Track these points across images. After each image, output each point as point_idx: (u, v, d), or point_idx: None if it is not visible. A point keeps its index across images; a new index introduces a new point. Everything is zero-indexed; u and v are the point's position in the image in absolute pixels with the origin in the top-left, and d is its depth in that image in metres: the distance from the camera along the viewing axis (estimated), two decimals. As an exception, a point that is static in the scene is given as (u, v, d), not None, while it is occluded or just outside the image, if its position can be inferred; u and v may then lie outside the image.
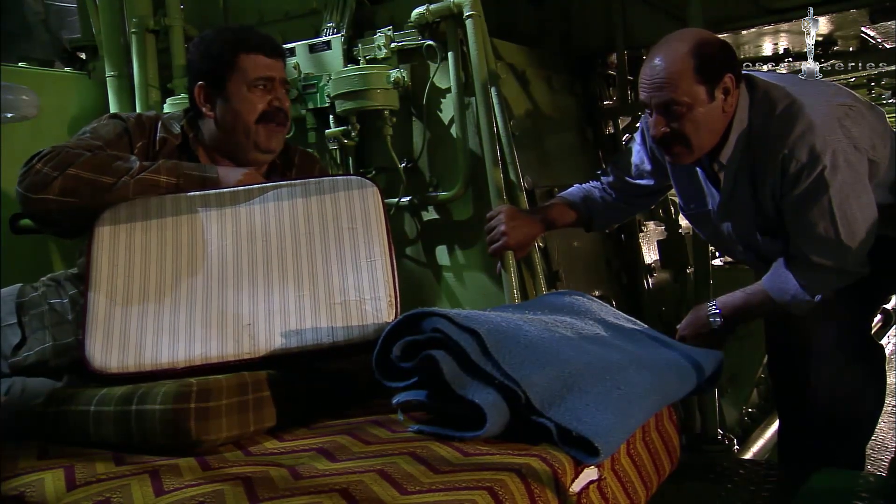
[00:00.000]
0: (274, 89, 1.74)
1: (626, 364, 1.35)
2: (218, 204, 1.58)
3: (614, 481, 1.23)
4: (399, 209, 2.40)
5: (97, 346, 1.39)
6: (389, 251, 1.54)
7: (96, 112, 2.85)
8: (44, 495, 1.08)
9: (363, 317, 1.45)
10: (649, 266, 2.84)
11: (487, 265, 2.31)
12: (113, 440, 1.27)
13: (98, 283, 1.45)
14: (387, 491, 1.00)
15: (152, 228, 1.53)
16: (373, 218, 1.58)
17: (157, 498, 1.04)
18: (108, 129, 1.70)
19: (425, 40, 2.30)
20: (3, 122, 0.83)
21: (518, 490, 1.02)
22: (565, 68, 2.77)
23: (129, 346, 1.40)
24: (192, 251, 1.51)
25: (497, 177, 2.19)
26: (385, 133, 2.32)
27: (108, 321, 1.41)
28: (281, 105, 1.74)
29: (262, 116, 1.72)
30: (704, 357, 1.53)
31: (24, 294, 1.59)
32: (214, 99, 1.73)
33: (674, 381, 1.43)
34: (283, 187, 1.61)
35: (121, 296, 1.44)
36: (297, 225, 1.56)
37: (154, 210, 1.55)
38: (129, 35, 2.73)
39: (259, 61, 1.72)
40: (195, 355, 1.40)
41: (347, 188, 1.61)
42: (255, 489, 1.03)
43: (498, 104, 2.22)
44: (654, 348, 1.53)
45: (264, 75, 1.72)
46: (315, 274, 1.50)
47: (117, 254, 1.49)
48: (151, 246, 1.51)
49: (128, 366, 1.38)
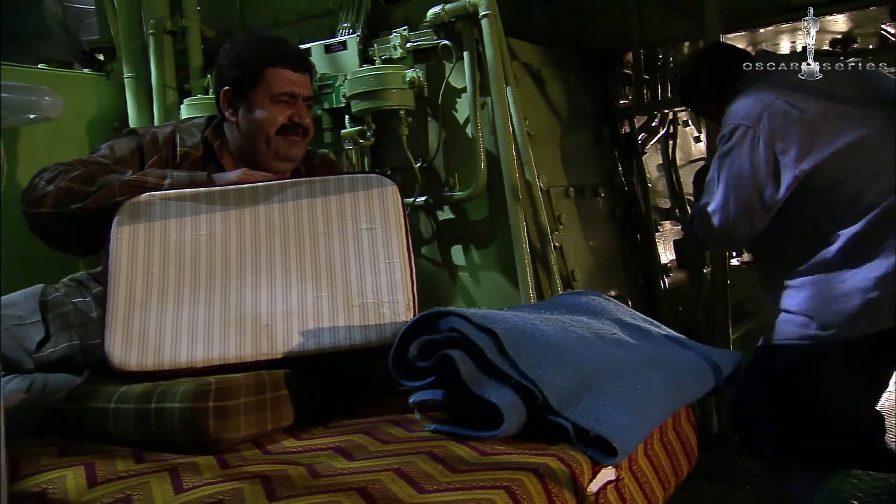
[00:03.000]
0: (296, 104, 1.76)
1: (643, 364, 1.34)
2: (237, 202, 1.57)
3: (632, 482, 1.23)
4: (414, 209, 2.40)
5: (116, 344, 1.39)
6: (408, 254, 1.54)
7: (114, 113, 2.89)
8: (65, 492, 1.09)
9: (381, 319, 1.45)
10: (665, 266, 2.83)
11: (503, 265, 2.31)
12: (132, 437, 1.28)
13: (117, 281, 1.45)
14: (404, 490, 1.00)
15: (171, 227, 1.52)
16: (392, 218, 1.56)
17: (176, 495, 1.04)
18: (122, 146, 1.73)
19: (441, 40, 2.30)
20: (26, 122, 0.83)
21: (536, 489, 1.02)
22: (581, 67, 2.76)
23: (149, 344, 1.40)
24: (210, 250, 1.51)
25: (513, 176, 2.19)
26: (401, 133, 2.33)
27: (128, 319, 1.42)
28: (301, 121, 1.76)
29: (281, 129, 1.75)
30: (723, 358, 1.52)
31: (47, 294, 1.60)
32: (238, 105, 1.75)
33: (691, 381, 1.42)
34: (303, 185, 1.59)
35: (140, 294, 1.44)
36: (315, 224, 1.55)
37: (173, 209, 1.54)
38: (146, 36, 2.76)
39: (285, 75, 1.74)
40: (213, 356, 1.40)
41: (367, 186, 1.59)
42: (274, 487, 1.03)
43: (513, 104, 2.22)
44: (672, 348, 1.52)
45: (288, 90, 1.74)
46: (333, 275, 1.50)
47: (136, 252, 1.49)
48: (170, 245, 1.50)
49: (146, 364, 1.38)
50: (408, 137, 2.34)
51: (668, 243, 2.90)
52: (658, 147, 3.02)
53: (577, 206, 2.51)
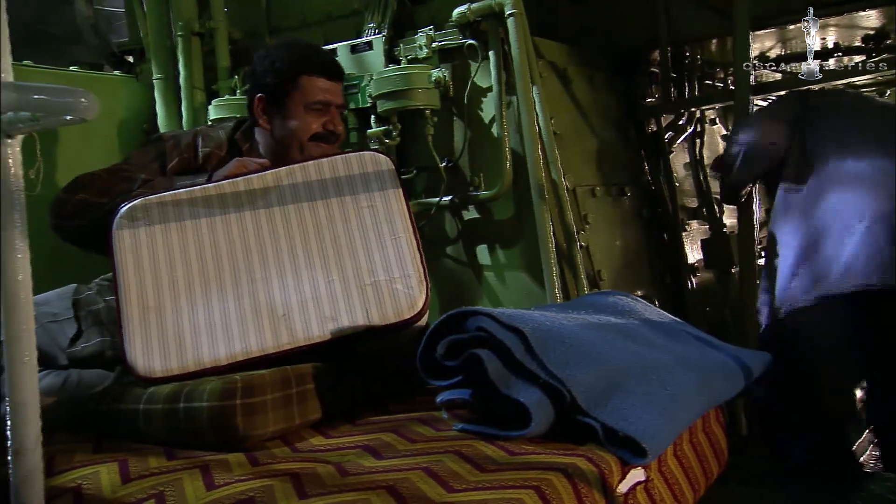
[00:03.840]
0: (329, 112, 1.80)
1: (672, 365, 1.33)
2: (234, 199, 1.56)
3: (661, 483, 1.22)
4: (440, 208, 2.40)
5: (138, 352, 1.39)
6: (412, 226, 1.53)
7: (144, 114, 2.92)
8: (100, 488, 1.11)
9: (395, 295, 1.45)
10: (693, 266, 2.80)
11: (528, 265, 2.30)
12: (162, 436, 1.30)
13: (127, 287, 1.44)
14: (433, 489, 1.00)
15: (172, 230, 1.51)
16: (390, 193, 1.55)
17: (207, 492, 1.06)
18: (145, 153, 1.80)
19: (466, 39, 2.30)
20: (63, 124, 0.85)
21: (565, 490, 1.01)
22: (607, 66, 2.74)
23: (170, 348, 1.40)
24: (215, 248, 1.50)
25: (539, 176, 2.18)
26: (426, 133, 2.33)
27: (145, 325, 1.41)
28: (334, 129, 1.81)
29: (314, 136, 1.79)
30: (752, 359, 1.51)
31: (80, 292, 1.64)
32: (272, 112, 1.78)
33: (721, 382, 1.41)
34: (297, 170, 1.58)
35: (152, 298, 1.44)
36: (316, 209, 1.54)
37: (171, 212, 1.53)
38: (175, 38, 2.78)
39: (320, 84, 1.78)
40: (236, 351, 1.41)
41: (361, 164, 1.59)
42: (304, 485, 1.04)
43: (539, 103, 2.21)
44: (701, 349, 1.50)
45: (323, 99, 1.78)
46: (341, 257, 1.49)
47: (141, 258, 1.48)
48: (174, 247, 1.50)
49: (172, 368, 1.38)
50: (433, 137, 2.34)
51: (696, 243, 2.87)
52: (685, 146, 2.99)
53: (604, 205, 2.49)
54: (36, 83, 0.80)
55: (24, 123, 0.85)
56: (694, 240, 2.87)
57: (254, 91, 1.81)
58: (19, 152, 0.88)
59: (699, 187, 3.01)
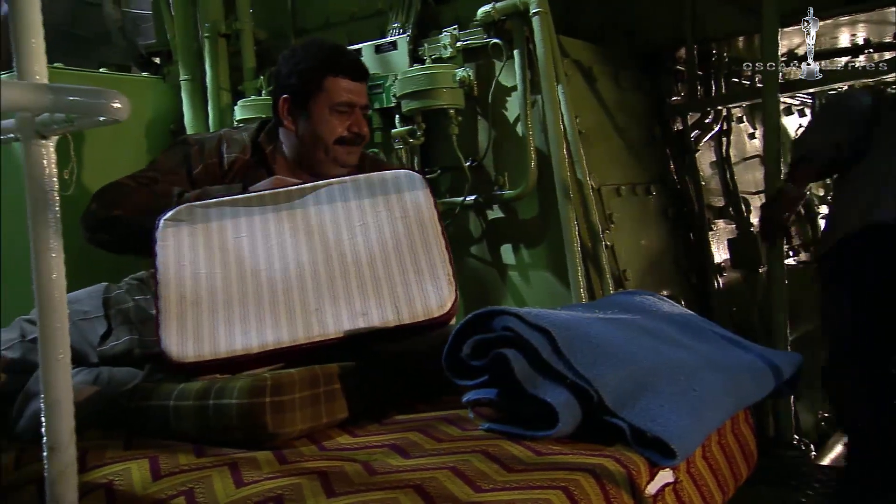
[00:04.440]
0: (354, 113, 1.80)
1: (700, 365, 1.32)
2: (274, 204, 1.62)
3: (690, 484, 1.21)
4: (464, 208, 2.40)
5: (172, 339, 1.43)
6: (443, 234, 1.57)
7: (171, 115, 2.95)
8: (131, 484, 1.12)
9: (425, 296, 1.47)
10: (719, 265, 2.77)
11: (553, 264, 2.29)
12: (192, 433, 1.31)
13: (167, 279, 1.49)
14: (461, 488, 1.00)
15: (213, 231, 1.56)
16: (423, 207, 1.60)
17: (237, 489, 1.06)
18: (170, 157, 1.82)
19: (491, 38, 2.30)
20: (96, 125, 0.86)
21: (593, 490, 1.01)
22: (632, 64, 2.72)
23: (203, 336, 1.44)
24: (253, 250, 1.55)
25: (564, 175, 2.17)
26: (451, 132, 2.33)
27: (181, 314, 1.46)
28: (360, 130, 1.80)
29: (340, 139, 1.79)
30: (782, 359, 1.49)
31: (110, 291, 1.67)
32: (297, 113, 1.79)
33: (750, 383, 1.39)
34: (335, 185, 1.64)
35: (189, 290, 1.49)
36: (351, 218, 1.60)
37: (214, 216, 1.59)
38: (201, 40, 2.81)
39: (344, 85, 1.78)
40: (268, 341, 1.43)
41: (395, 181, 1.65)
42: (332, 483, 1.05)
43: (564, 102, 2.20)
44: (729, 349, 1.49)
45: (347, 100, 1.78)
46: (373, 259, 1.53)
47: (182, 256, 1.53)
48: (214, 247, 1.54)
49: (204, 355, 1.42)
50: (458, 137, 2.34)
51: (722, 242, 2.85)
52: (711, 144, 2.96)
53: (629, 204, 2.48)
54: (70, 85, 0.81)
55: (59, 125, 0.86)
56: (720, 239, 2.84)
57: (278, 92, 1.82)
58: (53, 153, 0.90)
59: (725, 186, 2.98)
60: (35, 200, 0.89)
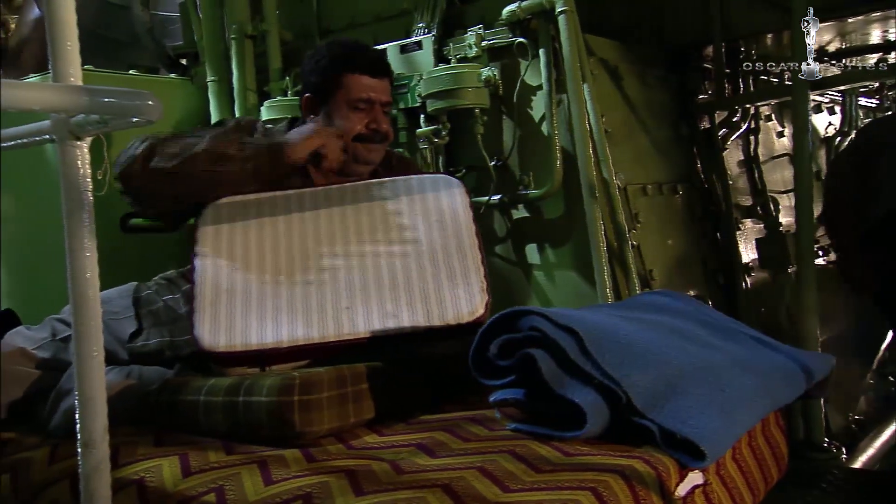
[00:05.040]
0: (374, 110, 1.78)
1: (729, 365, 1.30)
2: (312, 203, 1.65)
3: (720, 487, 1.19)
4: (489, 207, 2.40)
5: (206, 328, 1.46)
6: (478, 241, 1.59)
7: (198, 115, 2.98)
8: (162, 481, 1.13)
9: (457, 301, 1.48)
10: (747, 265, 2.74)
11: (579, 264, 2.28)
12: (221, 429, 1.32)
13: (204, 270, 1.53)
14: (489, 488, 1.00)
15: (251, 227, 1.60)
16: (460, 212, 1.62)
17: (266, 487, 1.07)
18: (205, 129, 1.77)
19: (516, 38, 2.29)
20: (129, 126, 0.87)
21: (622, 492, 1.00)
22: (659, 62, 2.70)
23: (236, 327, 1.46)
24: (289, 245, 1.58)
25: (590, 174, 2.16)
26: (476, 132, 2.33)
27: (215, 304, 1.49)
28: (378, 127, 1.78)
29: (359, 137, 1.78)
30: (814, 361, 1.47)
31: (140, 291, 1.69)
32: (318, 111, 1.80)
33: (781, 384, 1.37)
34: (374, 185, 1.67)
35: (225, 281, 1.52)
36: (387, 219, 1.62)
37: (253, 210, 1.63)
38: (228, 41, 2.84)
39: (363, 82, 1.77)
40: (298, 336, 1.45)
41: (434, 185, 1.67)
42: (360, 482, 1.05)
43: (590, 101, 2.19)
44: (760, 350, 1.47)
45: (366, 96, 1.77)
46: (407, 261, 1.55)
47: (220, 247, 1.57)
48: (251, 242, 1.58)
49: (235, 345, 1.44)
50: (483, 136, 2.34)
51: (750, 242, 2.81)
52: (739, 143, 2.93)
53: (656, 204, 2.46)
54: (105, 87, 0.83)
55: (93, 126, 0.87)
56: (748, 239, 2.81)
57: (303, 91, 1.84)
58: (87, 154, 0.91)
59: (753, 185, 2.95)
60: (70, 201, 0.91)
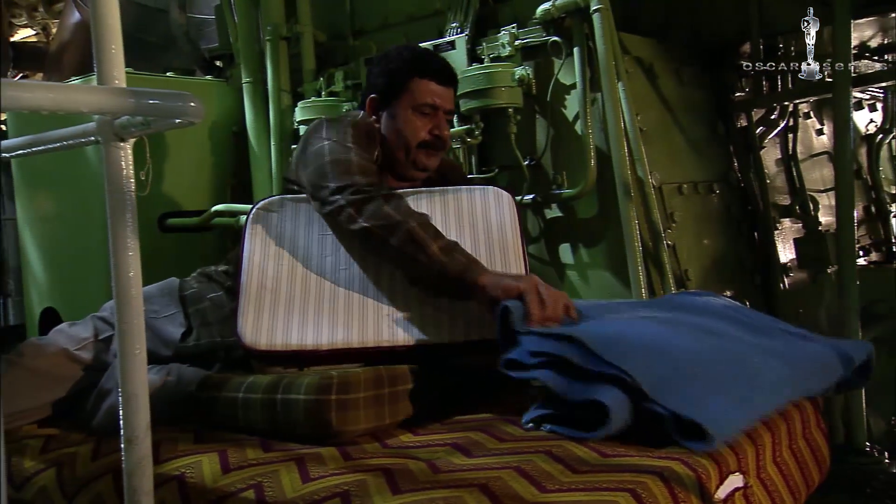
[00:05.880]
0: (437, 117, 1.79)
1: (748, 352, 1.29)
2: None
3: (761, 490, 1.18)
4: (522, 207, 2.38)
5: (248, 325, 1.49)
6: (524, 255, 1.61)
7: (233, 116, 3.02)
8: (202, 477, 1.15)
9: None
10: (785, 266, 2.69)
11: (613, 264, 2.26)
12: (260, 426, 1.34)
13: (251, 268, 1.57)
14: (526, 488, 1.00)
15: (300, 228, 1.64)
16: (508, 226, 1.65)
17: (303, 484, 1.08)
18: (356, 142, 1.69)
19: (550, 36, 2.28)
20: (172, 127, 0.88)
21: (661, 493, 0.99)
22: (695, 60, 2.66)
23: (277, 327, 1.49)
24: (335, 250, 1.60)
25: (624, 173, 2.14)
26: (509, 131, 2.32)
27: (259, 303, 1.52)
28: (440, 133, 1.79)
29: (422, 143, 1.78)
30: (851, 347, 1.43)
31: (185, 289, 1.71)
32: (381, 113, 1.80)
33: (811, 370, 1.34)
34: (423, 194, 1.69)
35: (270, 281, 1.55)
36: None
37: (303, 212, 1.65)
38: (263, 42, 2.87)
39: (429, 87, 1.77)
40: (337, 339, 1.48)
41: (484, 196, 1.69)
42: (397, 480, 1.05)
43: (625, 99, 2.17)
44: (791, 341, 1.44)
45: (431, 102, 1.77)
46: None
47: (268, 248, 1.60)
48: (298, 243, 1.61)
49: (275, 345, 1.47)
50: (516, 135, 2.33)
51: (788, 241, 2.76)
52: (777, 141, 2.87)
53: (691, 203, 2.43)
54: (149, 89, 0.84)
55: (137, 127, 0.89)
56: (786, 238, 2.76)
57: (367, 92, 1.84)
58: (131, 155, 0.93)
59: (792, 184, 2.89)
60: (113, 201, 0.92)
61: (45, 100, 0.71)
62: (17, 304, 3.76)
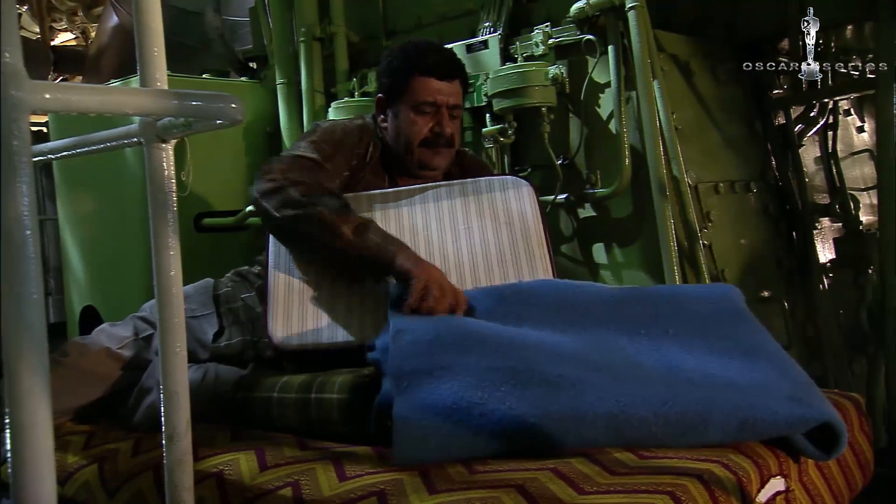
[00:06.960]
0: (439, 114, 1.76)
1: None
2: (382, 204, 1.65)
3: (802, 493, 1.15)
4: (555, 206, 2.37)
5: (279, 325, 1.51)
6: (547, 245, 1.59)
7: (268, 117, 3.05)
8: (240, 474, 1.16)
9: None
10: (824, 266, 2.64)
11: (647, 264, 2.24)
12: (294, 425, 1.35)
13: (278, 268, 1.58)
14: (563, 490, 0.99)
15: None
16: (529, 215, 1.62)
17: (340, 483, 1.09)
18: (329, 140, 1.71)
19: (584, 35, 2.26)
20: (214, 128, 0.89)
21: (701, 496, 0.98)
22: (732, 57, 2.62)
23: (307, 326, 1.51)
24: None
25: (660, 172, 2.11)
26: (542, 130, 2.30)
27: (288, 303, 1.53)
28: (441, 131, 1.75)
29: (423, 141, 1.76)
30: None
31: (218, 288, 1.73)
32: (388, 112, 1.80)
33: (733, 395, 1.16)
34: (443, 188, 1.68)
35: (298, 282, 1.56)
36: (455, 221, 1.61)
37: None
38: (297, 44, 2.89)
39: (429, 84, 1.75)
40: (367, 335, 1.48)
41: (503, 188, 1.67)
42: (433, 480, 1.05)
43: (660, 97, 2.14)
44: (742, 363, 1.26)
45: (430, 99, 1.75)
46: (476, 269, 1.54)
47: None
48: None
49: (306, 343, 1.49)
50: (549, 134, 2.31)
51: (828, 241, 2.70)
52: (816, 138, 2.82)
53: (728, 202, 2.39)
54: (191, 90, 0.85)
55: (178, 129, 0.90)
56: (826, 238, 2.70)
57: (377, 92, 1.85)
58: (172, 156, 0.94)
59: (831, 182, 2.83)
60: (155, 201, 0.94)
61: (93, 102, 0.72)
62: (58, 302, 3.84)
